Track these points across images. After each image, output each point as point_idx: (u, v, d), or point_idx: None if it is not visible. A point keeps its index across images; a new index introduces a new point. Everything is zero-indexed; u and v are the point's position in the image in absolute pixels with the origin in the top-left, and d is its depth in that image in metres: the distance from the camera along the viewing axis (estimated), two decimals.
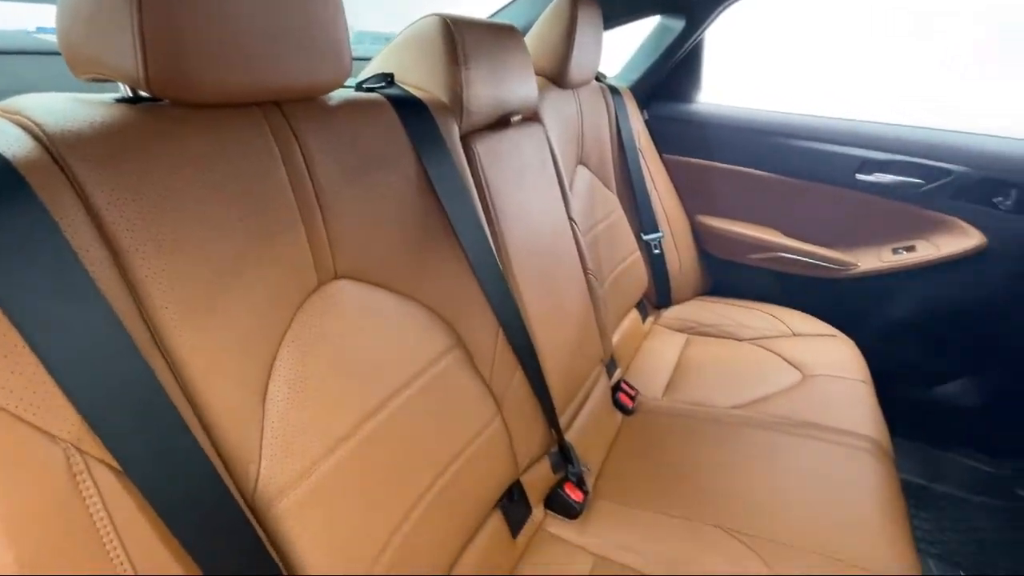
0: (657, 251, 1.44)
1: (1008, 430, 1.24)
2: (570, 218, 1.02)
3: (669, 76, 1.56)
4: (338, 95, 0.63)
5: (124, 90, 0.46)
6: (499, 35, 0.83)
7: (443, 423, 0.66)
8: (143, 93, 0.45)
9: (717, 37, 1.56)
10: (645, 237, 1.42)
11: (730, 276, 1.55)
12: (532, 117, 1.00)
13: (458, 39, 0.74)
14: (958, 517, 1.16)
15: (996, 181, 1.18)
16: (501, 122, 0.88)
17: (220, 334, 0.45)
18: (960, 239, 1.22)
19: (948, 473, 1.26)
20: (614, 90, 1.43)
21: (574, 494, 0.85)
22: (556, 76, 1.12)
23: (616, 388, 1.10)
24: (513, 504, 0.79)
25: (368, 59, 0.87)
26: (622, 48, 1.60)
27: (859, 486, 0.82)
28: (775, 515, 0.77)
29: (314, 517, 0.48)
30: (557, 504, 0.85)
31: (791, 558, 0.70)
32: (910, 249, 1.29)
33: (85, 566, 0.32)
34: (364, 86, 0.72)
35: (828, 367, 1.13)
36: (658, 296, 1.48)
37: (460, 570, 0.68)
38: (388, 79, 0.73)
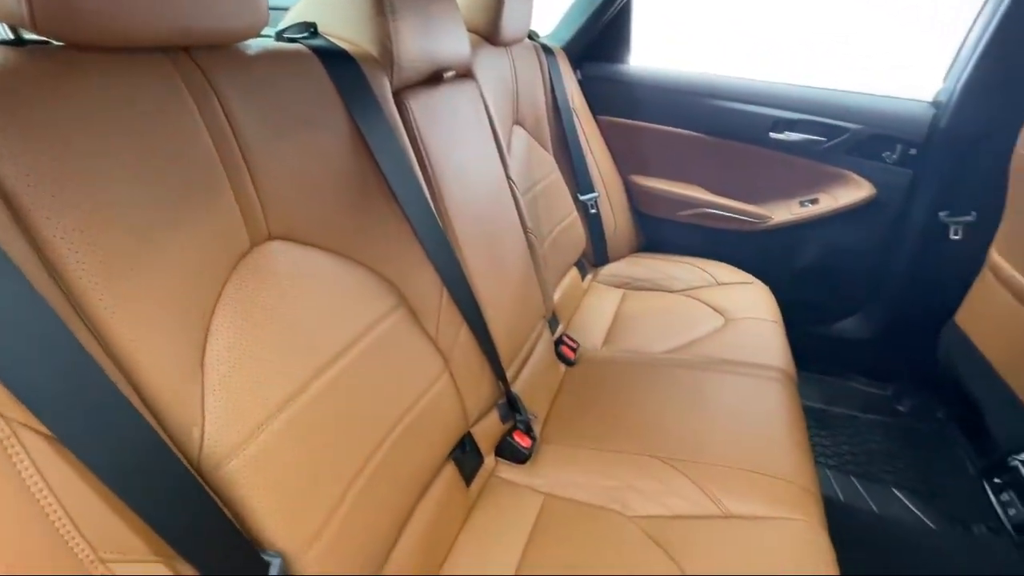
0: (594, 211, 1.49)
1: (890, 357, 1.44)
2: (508, 178, 1.04)
3: (600, 36, 1.58)
4: (256, 44, 0.59)
5: (4, 32, 0.41)
6: None
7: (391, 380, 0.67)
8: (28, 35, 0.40)
9: None
10: (582, 197, 1.46)
11: (661, 233, 1.64)
12: (465, 74, 0.99)
13: None
14: (850, 433, 1.34)
15: (884, 137, 1.33)
16: (434, 78, 0.86)
17: (146, 297, 0.43)
18: (854, 191, 1.36)
19: (843, 397, 1.45)
20: (547, 49, 1.43)
21: (522, 441, 0.90)
22: (488, 33, 1.10)
23: (559, 342, 1.16)
24: (465, 455, 0.83)
25: (286, 9, 0.81)
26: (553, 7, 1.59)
27: (770, 412, 0.93)
28: (700, 441, 0.86)
29: (265, 476, 0.49)
30: (507, 451, 0.89)
31: (714, 474, 0.79)
32: (814, 202, 1.42)
33: (22, 526, 0.31)
34: (285, 36, 0.67)
35: (746, 311, 1.25)
36: (595, 255, 1.55)
37: (417, 519, 0.71)
38: (311, 29, 0.69)
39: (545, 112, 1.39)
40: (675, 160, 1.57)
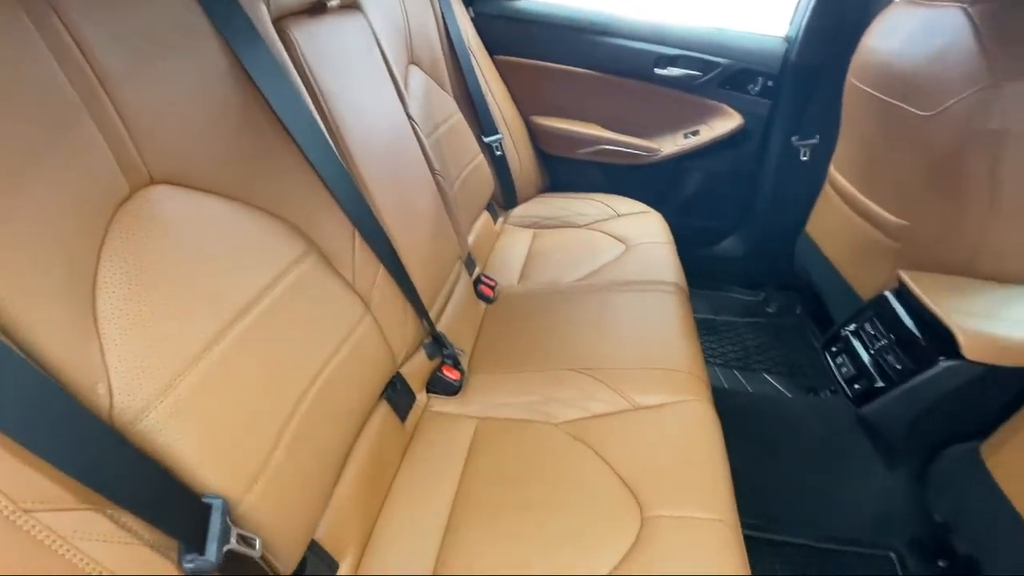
0: (499, 153, 1.50)
1: (760, 268, 1.68)
2: (409, 117, 1.01)
3: None
4: None
5: None
6: None
7: (311, 327, 0.67)
8: None
9: None
10: (486, 140, 1.47)
11: (563, 171, 1.71)
12: (351, 4, 0.92)
13: None
14: (732, 335, 1.57)
15: (749, 71, 1.48)
16: (317, 7, 0.80)
17: (13, 248, 0.38)
18: (727, 121, 1.52)
19: (725, 306, 1.68)
20: None
21: (451, 374, 0.94)
22: None
23: (477, 281, 1.20)
24: (397, 393, 0.85)
25: None
26: None
27: (666, 319, 1.06)
28: (611, 349, 0.97)
29: (190, 427, 0.48)
30: (438, 386, 0.93)
31: (623, 376, 0.90)
32: (695, 133, 1.56)
33: None
34: None
35: (643, 237, 1.37)
36: (505, 197, 1.58)
37: (356, 456, 0.73)
38: None
39: (441, 51, 1.35)
40: (572, 99, 1.62)
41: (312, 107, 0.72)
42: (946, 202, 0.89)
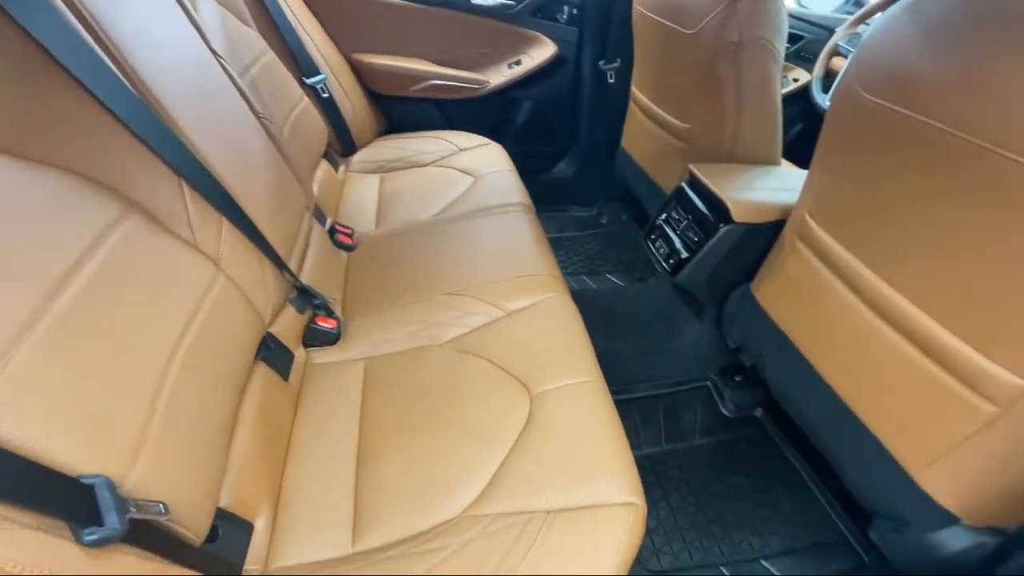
0: (326, 95, 1.40)
1: (591, 186, 1.90)
2: (214, 52, 0.89)
3: None
4: None
5: None
6: None
7: (157, 291, 0.60)
8: None
9: None
10: (308, 81, 1.35)
11: (399, 112, 1.67)
12: None
13: None
14: (576, 247, 1.78)
15: (556, 1, 1.59)
16: None
17: None
18: (544, 50, 1.63)
19: (567, 224, 1.88)
20: None
21: (326, 323, 0.93)
22: None
23: (332, 232, 1.15)
24: (272, 352, 0.81)
25: None
26: None
27: (520, 233, 1.17)
28: (476, 270, 1.04)
29: (32, 409, 0.42)
30: (315, 338, 0.91)
31: (492, 289, 0.99)
32: (518, 63, 1.65)
33: None
34: None
35: (488, 167, 1.45)
36: (342, 143, 1.50)
37: (245, 418, 0.70)
38: None
39: None
40: (392, 33, 1.56)
41: (89, 38, 0.60)
42: (711, 105, 1.12)
